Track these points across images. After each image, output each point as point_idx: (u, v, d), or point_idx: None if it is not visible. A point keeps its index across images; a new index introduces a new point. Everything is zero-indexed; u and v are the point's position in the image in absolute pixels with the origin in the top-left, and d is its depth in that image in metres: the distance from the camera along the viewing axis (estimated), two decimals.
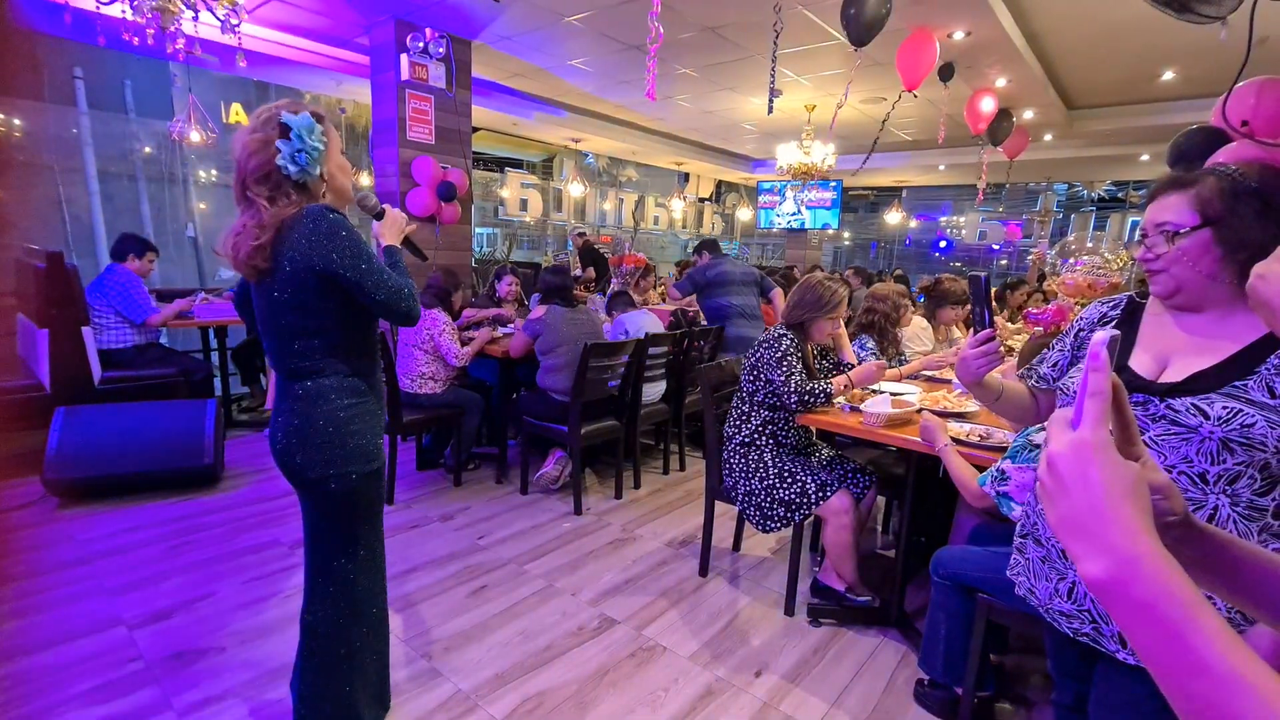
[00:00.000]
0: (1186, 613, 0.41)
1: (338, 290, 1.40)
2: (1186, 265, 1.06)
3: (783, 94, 5.89)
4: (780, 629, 2.38)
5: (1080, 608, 1.16)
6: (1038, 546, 1.28)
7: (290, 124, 1.33)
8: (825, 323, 2.39)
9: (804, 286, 2.44)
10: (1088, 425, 0.47)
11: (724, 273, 4.39)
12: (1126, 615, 0.43)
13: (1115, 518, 0.44)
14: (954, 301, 3.42)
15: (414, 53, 4.41)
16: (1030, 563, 1.30)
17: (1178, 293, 1.10)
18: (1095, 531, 0.45)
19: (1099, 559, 0.44)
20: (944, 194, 12.54)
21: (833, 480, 2.35)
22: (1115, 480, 0.45)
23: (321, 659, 1.60)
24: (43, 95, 7.57)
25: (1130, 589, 0.43)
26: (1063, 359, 1.35)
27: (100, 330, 3.73)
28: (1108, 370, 0.48)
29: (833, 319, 2.39)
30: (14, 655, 2.05)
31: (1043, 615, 1.25)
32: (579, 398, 3.17)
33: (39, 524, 2.92)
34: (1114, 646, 1.12)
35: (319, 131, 1.37)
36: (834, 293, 2.38)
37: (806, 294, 2.41)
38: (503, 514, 3.27)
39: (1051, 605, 1.23)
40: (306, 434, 1.46)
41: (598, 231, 10.14)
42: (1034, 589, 1.28)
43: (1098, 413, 0.47)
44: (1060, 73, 5.36)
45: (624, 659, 2.18)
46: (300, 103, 1.39)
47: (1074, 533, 0.46)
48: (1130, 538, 0.44)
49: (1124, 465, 0.46)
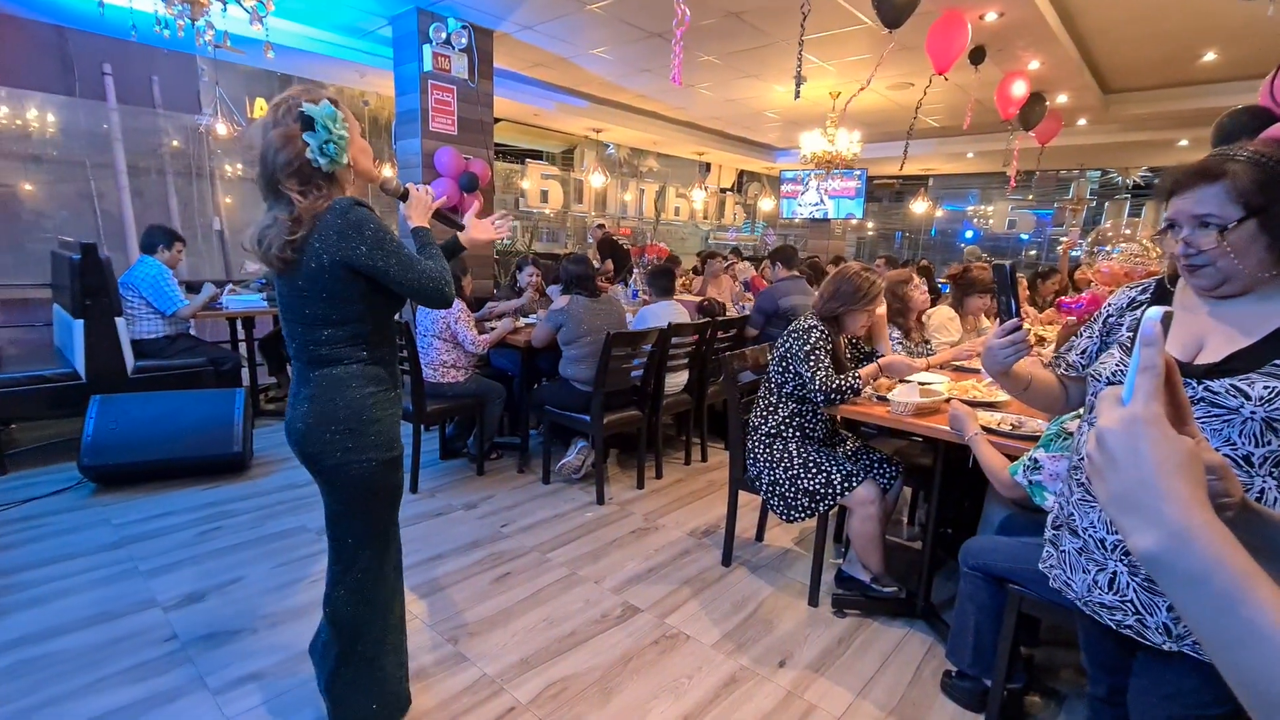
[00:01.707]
0: (1241, 584, 0.41)
1: (363, 281, 1.41)
2: (1233, 258, 1.04)
3: (807, 80, 5.80)
4: (804, 619, 2.37)
5: (1122, 599, 1.13)
6: (1073, 538, 1.25)
7: (314, 115, 1.32)
8: (861, 314, 2.34)
9: (839, 277, 2.38)
10: (1140, 400, 0.46)
11: (796, 308, 3.93)
12: (1179, 588, 0.43)
13: (1167, 491, 0.44)
14: (982, 290, 3.35)
15: (436, 43, 4.42)
16: (1066, 554, 1.27)
17: (1224, 284, 1.08)
18: (1147, 504, 0.44)
19: (1150, 531, 0.44)
20: (971, 182, 12.28)
21: (858, 471, 2.32)
22: (1168, 454, 0.45)
23: (340, 647, 1.60)
24: (74, 91, 7.75)
25: (1183, 561, 0.42)
26: (1092, 346, 1.32)
27: (132, 320, 3.81)
28: (1161, 345, 0.47)
29: (869, 310, 2.34)
30: (55, 634, 2.11)
31: (1080, 608, 1.23)
32: (601, 387, 3.17)
33: (76, 508, 3.00)
34: (1159, 638, 1.09)
35: (341, 119, 1.36)
36: (872, 284, 2.32)
37: (842, 285, 2.35)
38: (525, 503, 3.29)
39: (1090, 597, 1.20)
40: (327, 421, 1.46)
41: (618, 223, 10.11)
42: (1070, 581, 1.25)
43: (1150, 387, 0.46)
44: (1096, 54, 5.20)
45: (647, 646, 2.18)
46: (315, 90, 1.38)
47: (1125, 507, 0.46)
48: (1183, 510, 0.43)
49: (1177, 439, 0.46)
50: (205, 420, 3.33)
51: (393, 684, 1.69)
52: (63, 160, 8.17)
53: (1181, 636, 1.06)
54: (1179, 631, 1.06)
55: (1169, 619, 1.07)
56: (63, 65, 8.43)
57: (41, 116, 7.49)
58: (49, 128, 7.66)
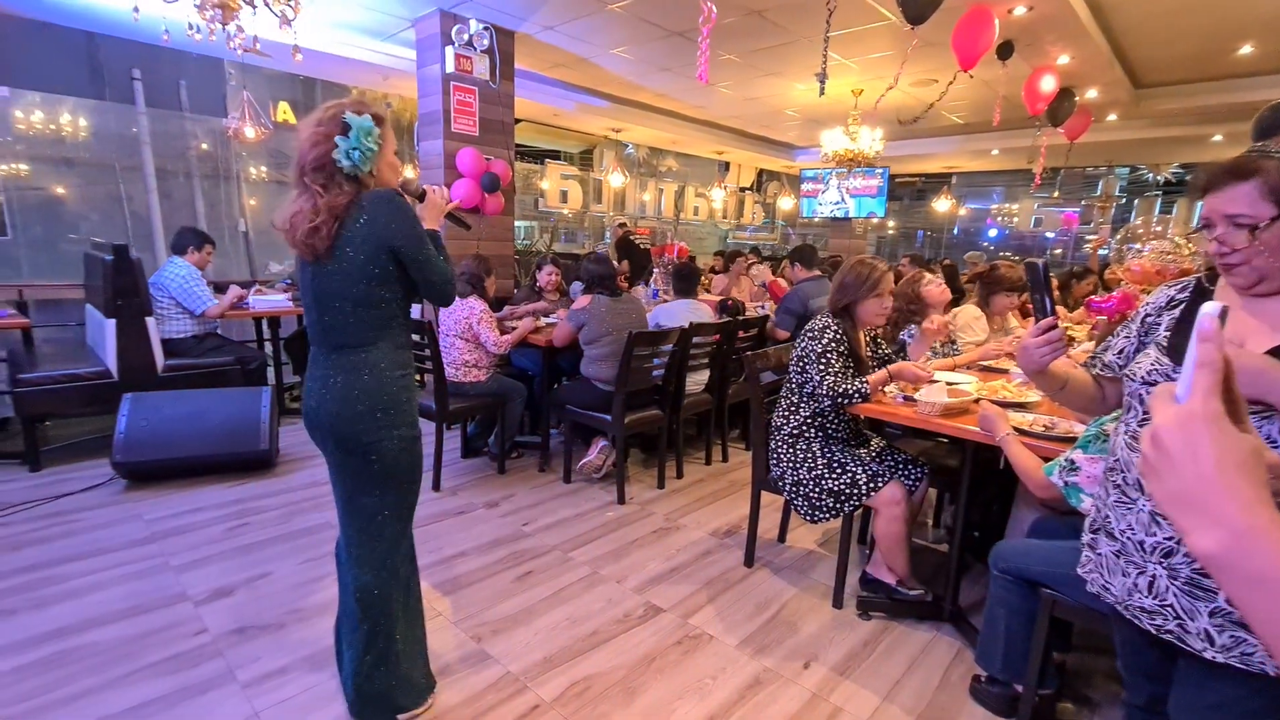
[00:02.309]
0: None
1: (398, 266, 1.51)
2: (1267, 256, 1.04)
3: (829, 78, 5.74)
4: (829, 621, 2.34)
5: (1162, 603, 1.11)
6: (1111, 540, 1.23)
7: (351, 123, 1.42)
8: (872, 302, 2.32)
9: (841, 271, 2.39)
10: (1198, 396, 0.45)
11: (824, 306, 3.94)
12: (1242, 589, 0.42)
13: (1229, 489, 0.43)
14: (1009, 289, 3.29)
15: (458, 45, 4.45)
16: (1103, 558, 1.25)
17: (1260, 283, 1.08)
18: (1207, 504, 0.43)
19: (1211, 531, 0.43)
20: (996, 180, 12.09)
21: (884, 471, 2.29)
22: (1228, 451, 0.43)
23: (368, 627, 1.65)
24: (104, 95, 7.93)
25: (1248, 561, 0.41)
26: (1129, 346, 1.30)
27: (162, 320, 3.89)
28: (1219, 340, 0.45)
29: (879, 297, 2.31)
30: (90, 626, 2.16)
31: (1119, 612, 1.21)
32: (623, 387, 3.16)
33: (109, 504, 3.06)
34: (1200, 645, 1.07)
35: (376, 134, 1.46)
36: (873, 268, 2.31)
37: (846, 275, 2.35)
38: (547, 501, 3.30)
39: (1130, 601, 1.18)
40: (361, 398, 1.53)
41: (636, 223, 10.11)
42: (1109, 585, 1.23)
43: (1208, 384, 0.45)
44: (1127, 48, 5.08)
45: (670, 646, 2.17)
46: (365, 104, 1.47)
47: (1183, 506, 0.44)
48: (1245, 509, 0.42)
49: (1238, 437, 0.44)
50: (233, 418, 3.38)
51: (420, 664, 1.78)
52: (94, 163, 8.38)
53: (1227, 646, 1.03)
54: (1223, 641, 1.03)
55: (1211, 625, 1.04)
56: (93, 70, 8.63)
57: (74, 121, 7.69)
58: (80, 131, 7.85)
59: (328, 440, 1.60)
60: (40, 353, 3.90)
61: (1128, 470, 1.19)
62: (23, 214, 9.21)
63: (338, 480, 1.67)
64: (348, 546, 1.69)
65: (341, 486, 1.67)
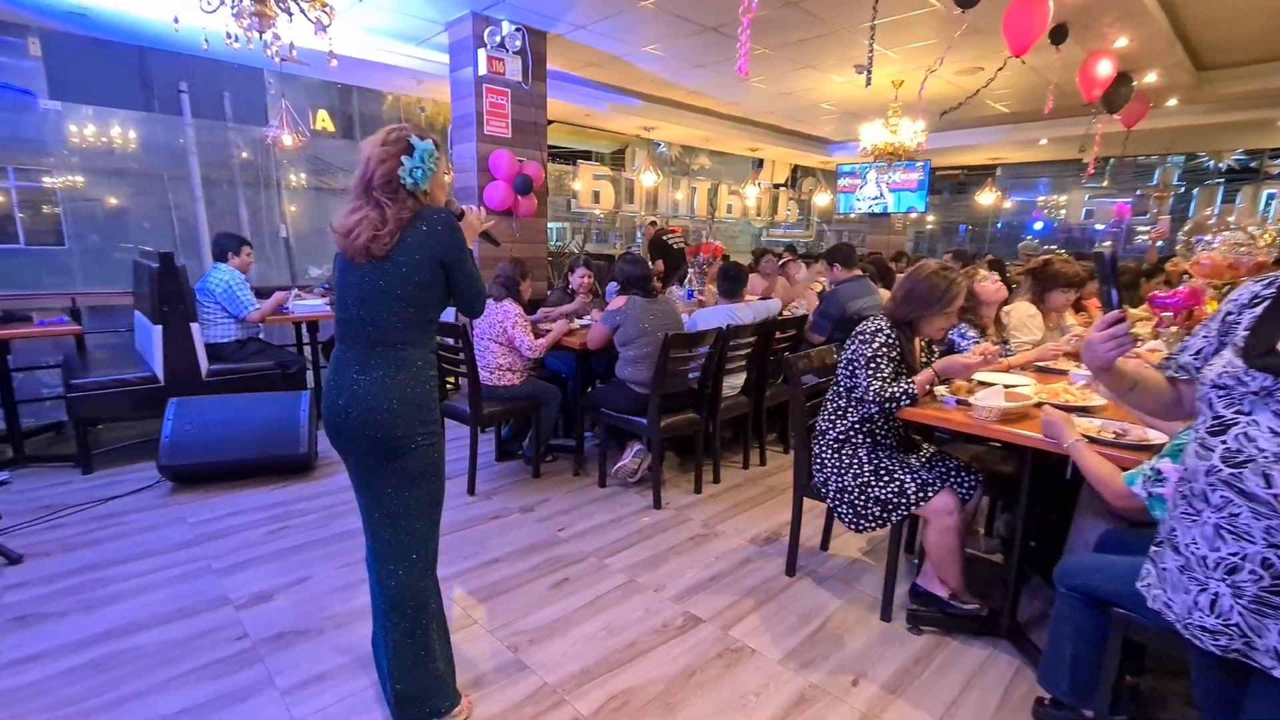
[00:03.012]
0: None
1: (444, 277, 1.64)
2: None
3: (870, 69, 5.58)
4: (877, 635, 2.24)
5: (1225, 622, 1.05)
6: (1175, 555, 1.16)
7: (415, 146, 1.57)
8: (939, 319, 2.18)
9: (913, 279, 2.21)
10: None
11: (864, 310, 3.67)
12: None
13: None
14: (1065, 284, 3.12)
15: (491, 47, 4.44)
16: (1166, 573, 1.18)
17: None
18: None
19: None
20: (1042, 171, 11.65)
21: (934, 479, 2.17)
22: None
23: (403, 627, 1.68)
24: (153, 107, 8.21)
25: None
26: (1207, 347, 1.20)
27: (207, 325, 3.97)
28: None
29: (947, 314, 2.18)
30: (136, 629, 2.19)
31: (1180, 631, 1.14)
32: (659, 390, 3.10)
33: (155, 507, 3.13)
34: (1270, 662, 1.01)
35: (435, 157, 1.61)
36: (950, 284, 2.15)
37: (916, 287, 2.18)
38: (582, 506, 3.25)
39: (1190, 620, 1.11)
40: (398, 393, 1.59)
41: (668, 221, 10.03)
42: (1170, 602, 1.16)
43: None
44: (1190, 28, 4.79)
45: (711, 660, 2.10)
46: (425, 130, 1.64)
47: None
48: None
49: None
50: (273, 422, 3.43)
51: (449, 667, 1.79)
52: (144, 174, 8.70)
53: None
54: None
55: None
56: (143, 84, 8.97)
57: (124, 133, 7.99)
58: (130, 143, 8.16)
59: (357, 439, 1.62)
60: (92, 358, 4.02)
61: (1195, 480, 1.12)
62: (78, 224, 9.63)
63: (366, 482, 1.68)
64: (379, 551, 1.70)
65: (370, 488, 1.68)
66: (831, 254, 4.15)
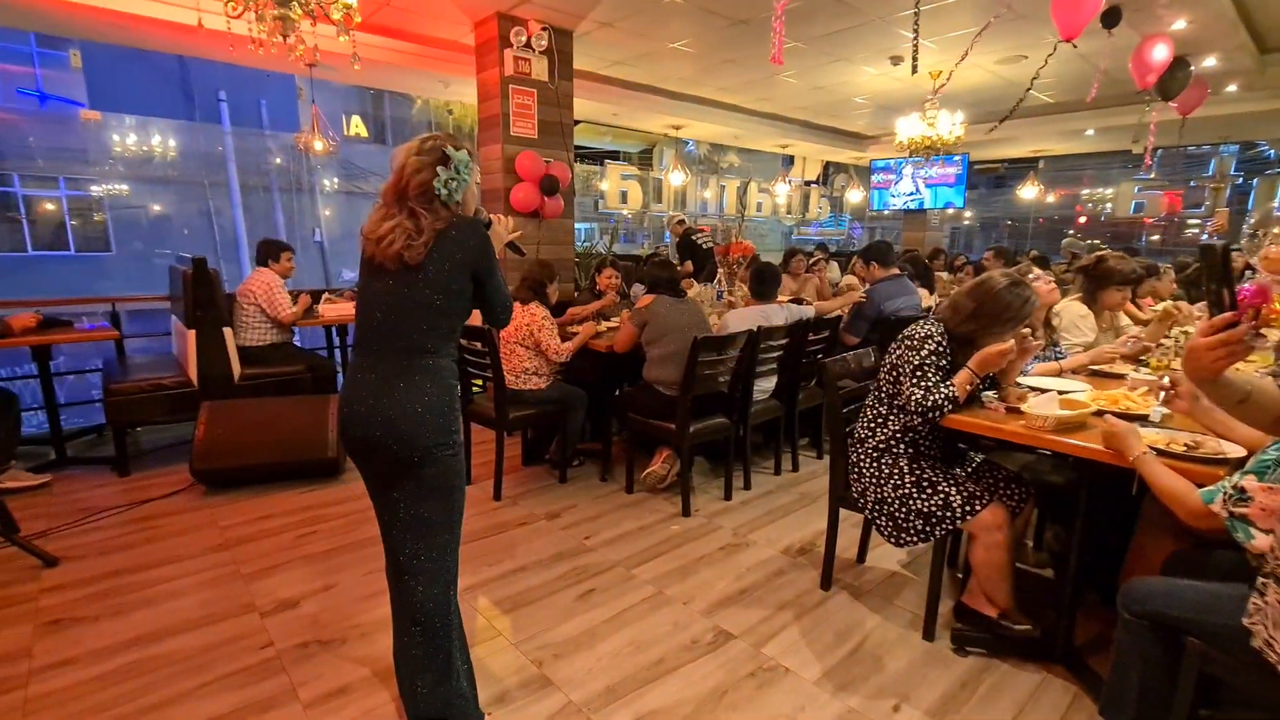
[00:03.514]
0: None
1: (472, 287, 1.64)
2: None
3: (903, 60, 5.40)
4: (919, 656, 2.11)
5: None
6: None
7: (451, 156, 1.57)
8: (1008, 337, 2.02)
9: (982, 293, 2.03)
10: None
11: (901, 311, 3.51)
12: None
13: None
14: (1120, 281, 2.94)
15: (517, 47, 4.41)
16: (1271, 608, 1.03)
17: None
18: None
19: None
20: (1087, 163, 11.20)
21: (982, 491, 2.04)
22: None
23: (425, 644, 1.64)
24: (194, 116, 8.44)
25: None
26: None
27: (243, 329, 4.02)
28: None
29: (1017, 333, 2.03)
30: (165, 635, 2.19)
31: None
32: (688, 393, 3.01)
33: (188, 510, 3.16)
34: None
35: (469, 167, 1.61)
36: (1025, 302, 1.99)
37: (985, 304, 2.00)
38: (609, 513, 3.18)
39: None
40: (422, 403, 1.55)
41: (696, 220, 9.93)
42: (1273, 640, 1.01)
43: None
44: (1254, 9, 4.51)
45: (743, 679, 2.00)
46: (460, 140, 1.63)
47: None
48: None
49: None
50: (302, 426, 3.44)
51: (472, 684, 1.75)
52: (185, 181, 8.95)
53: None
54: None
55: None
56: (184, 93, 9.24)
57: (165, 141, 8.23)
58: (170, 151, 8.40)
59: (377, 448, 1.57)
60: (131, 363, 4.11)
61: None
62: (123, 231, 9.97)
63: (385, 493, 1.63)
64: (399, 565, 1.65)
65: (389, 500, 1.63)
66: (868, 252, 3.99)
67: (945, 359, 2.04)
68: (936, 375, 2.00)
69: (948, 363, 2.05)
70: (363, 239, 1.59)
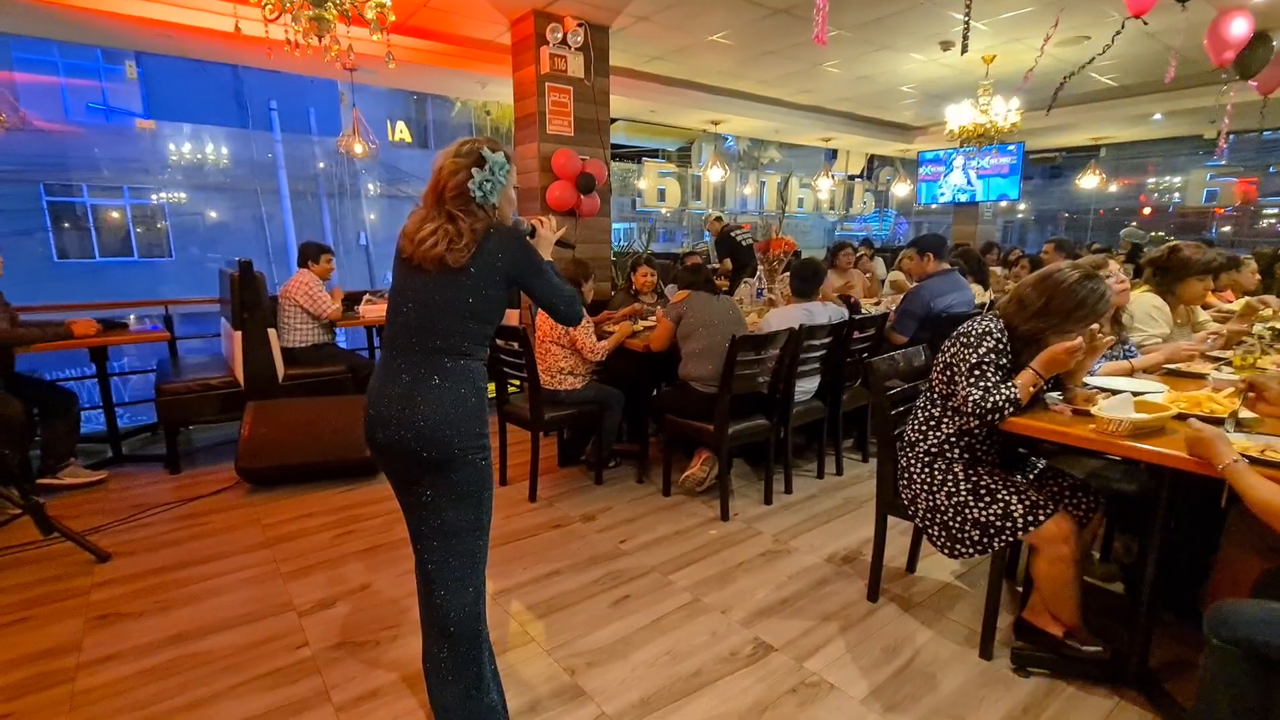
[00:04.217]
0: None
1: (508, 293, 1.63)
2: None
3: (954, 45, 5.17)
4: (976, 675, 1.97)
5: None
6: None
7: (487, 159, 1.57)
8: (1074, 334, 1.86)
9: (1050, 286, 1.86)
10: None
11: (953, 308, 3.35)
12: None
13: None
14: (1199, 272, 2.71)
15: (553, 44, 4.38)
16: None
17: None
18: None
19: None
20: (1150, 151, 10.58)
21: (1045, 500, 1.89)
22: None
23: (455, 654, 1.60)
24: (247, 124, 8.75)
25: None
26: None
27: (286, 330, 4.10)
28: None
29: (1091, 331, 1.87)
30: (206, 633, 2.22)
31: None
32: (726, 393, 2.91)
33: (232, 508, 3.22)
34: None
35: (506, 170, 1.60)
36: (1100, 297, 1.82)
37: (1055, 298, 1.84)
38: (645, 516, 3.11)
39: None
40: (454, 405, 1.52)
41: (735, 218, 9.77)
42: None
43: None
44: None
45: (784, 695, 1.90)
46: (497, 142, 1.63)
47: None
48: None
49: None
50: (343, 425, 3.47)
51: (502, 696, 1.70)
52: (238, 188, 9.29)
53: None
54: None
55: None
56: (238, 104, 9.57)
57: (218, 149, 8.55)
58: (224, 159, 8.72)
59: (406, 451, 1.53)
60: (183, 363, 4.24)
61: None
62: (182, 237, 10.41)
63: (413, 497, 1.59)
64: (428, 573, 1.60)
65: (417, 505, 1.59)
66: (923, 243, 3.73)
67: (1005, 357, 1.90)
68: (996, 375, 1.86)
69: (1008, 361, 1.91)
70: (402, 239, 1.57)
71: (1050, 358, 1.82)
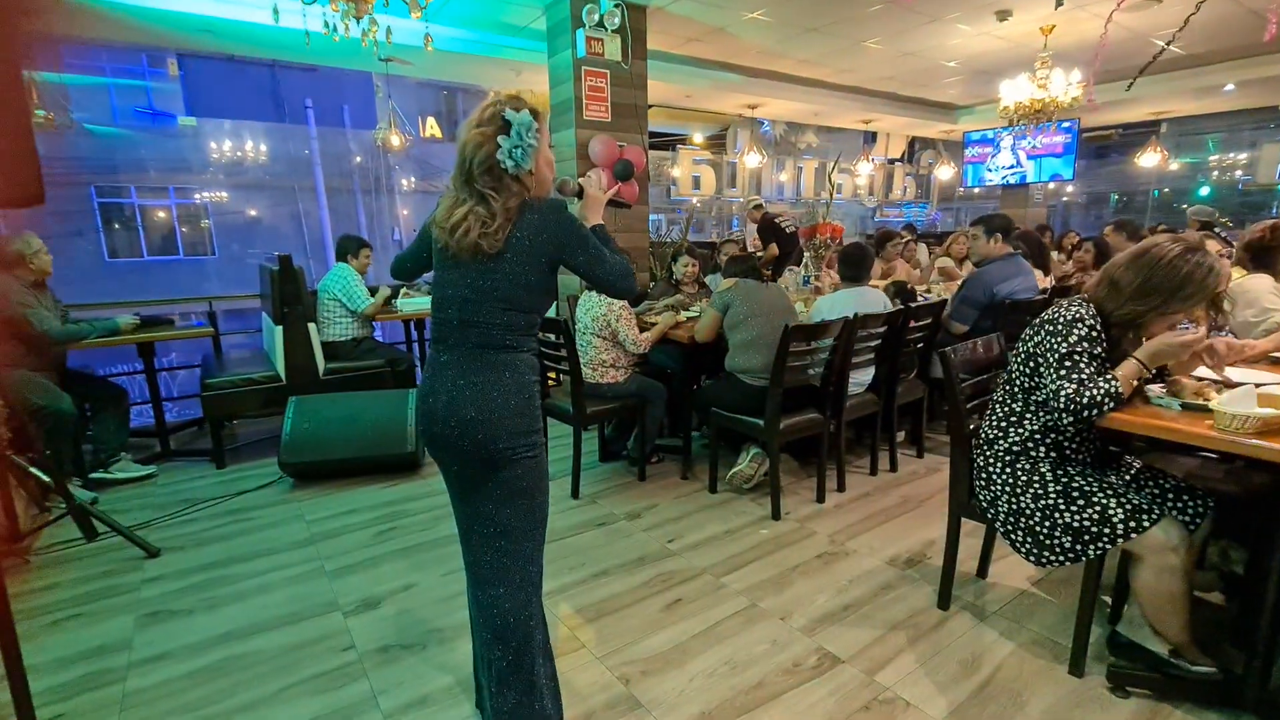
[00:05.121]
0: None
1: (553, 276, 1.51)
2: None
3: (1012, 15, 4.88)
4: (1067, 694, 1.81)
5: None
6: None
7: (511, 120, 1.40)
8: (1178, 317, 1.67)
9: (1145, 264, 1.66)
10: None
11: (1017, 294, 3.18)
12: None
13: None
14: None
15: (589, 26, 4.25)
16: None
17: None
18: None
19: None
20: (1213, 125, 9.99)
21: (1148, 504, 1.71)
22: None
23: (507, 660, 1.50)
24: (283, 119, 8.86)
25: None
26: None
27: (326, 324, 4.08)
28: None
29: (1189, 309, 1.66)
30: (253, 632, 2.18)
31: None
32: (778, 386, 2.77)
33: (276, 503, 3.20)
34: None
35: (534, 129, 1.43)
36: (1210, 271, 1.61)
37: (1155, 275, 1.64)
38: (692, 514, 3.00)
39: None
40: (501, 401, 1.44)
41: (773, 206, 9.54)
42: None
43: None
44: None
45: (856, 712, 1.77)
46: (522, 100, 1.45)
47: None
48: None
49: None
50: (382, 420, 3.43)
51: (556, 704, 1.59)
52: (276, 186, 9.43)
53: None
54: None
55: None
56: (275, 103, 9.69)
57: (256, 147, 8.67)
58: (261, 156, 8.84)
59: (456, 449, 1.46)
60: (227, 359, 4.26)
61: None
62: (224, 235, 10.63)
63: (465, 495, 1.52)
64: (479, 575, 1.53)
65: (469, 503, 1.52)
66: (991, 223, 3.44)
67: (1100, 345, 1.72)
68: (1091, 366, 1.68)
69: (1103, 350, 1.73)
70: (435, 229, 1.46)
71: (1159, 348, 1.64)
